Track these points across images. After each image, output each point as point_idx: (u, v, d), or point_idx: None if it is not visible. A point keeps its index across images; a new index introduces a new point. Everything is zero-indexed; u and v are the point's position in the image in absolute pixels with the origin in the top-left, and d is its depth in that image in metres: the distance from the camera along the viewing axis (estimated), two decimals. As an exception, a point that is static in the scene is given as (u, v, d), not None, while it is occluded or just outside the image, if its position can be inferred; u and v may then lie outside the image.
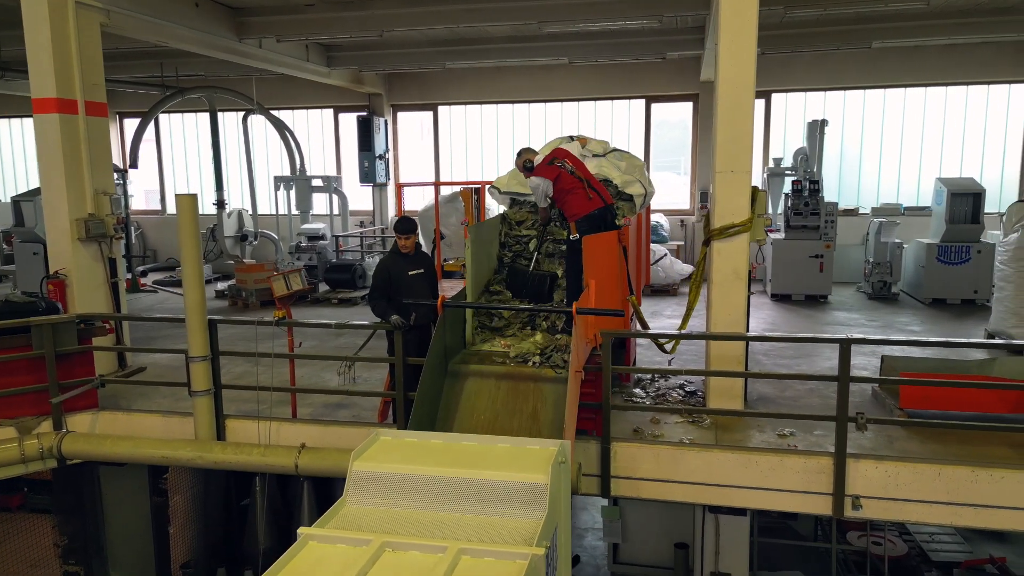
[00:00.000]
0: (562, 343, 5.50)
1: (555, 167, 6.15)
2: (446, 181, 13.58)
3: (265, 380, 7.11)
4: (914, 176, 13.31)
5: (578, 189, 6.01)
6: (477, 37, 11.80)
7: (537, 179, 6.10)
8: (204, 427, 5.78)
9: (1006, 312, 8.20)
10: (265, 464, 5.43)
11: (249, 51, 10.44)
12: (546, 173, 6.11)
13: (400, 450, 4.19)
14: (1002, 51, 12.18)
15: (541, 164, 6.29)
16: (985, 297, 10.80)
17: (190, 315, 5.64)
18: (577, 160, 6.36)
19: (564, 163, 6.20)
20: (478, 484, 3.82)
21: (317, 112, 15.34)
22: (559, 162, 6.21)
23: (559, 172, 6.09)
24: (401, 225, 5.84)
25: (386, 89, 14.57)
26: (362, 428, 5.82)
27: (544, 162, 6.29)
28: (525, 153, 6.50)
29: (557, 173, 6.08)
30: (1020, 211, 8.15)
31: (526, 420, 5.07)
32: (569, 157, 6.32)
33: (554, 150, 6.52)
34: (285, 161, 14.18)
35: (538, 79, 13.82)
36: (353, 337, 9.25)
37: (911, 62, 12.52)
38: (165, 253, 16.17)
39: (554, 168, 6.14)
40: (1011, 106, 12.68)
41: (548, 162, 6.26)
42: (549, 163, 6.24)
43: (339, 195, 14.09)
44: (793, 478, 5.05)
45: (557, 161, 6.23)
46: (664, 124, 14.23)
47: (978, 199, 10.80)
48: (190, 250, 5.56)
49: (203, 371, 5.72)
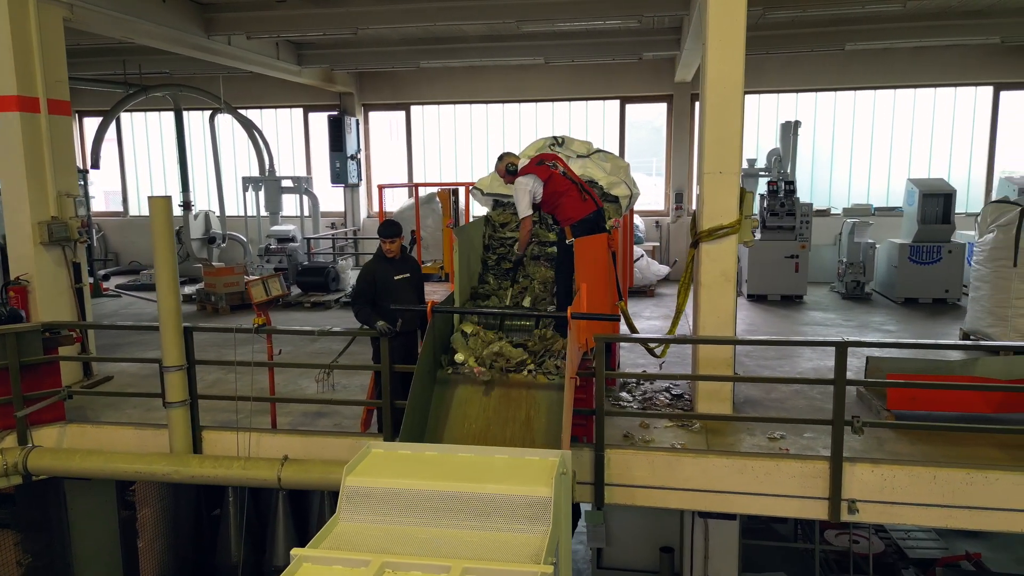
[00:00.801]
0: (556, 346, 5.36)
1: (546, 167, 6.00)
2: (426, 182, 13.40)
3: (243, 389, 6.87)
4: (884, 177, 13.48)
5: (572, 192, 5.88)
6: (452, 36, 11.64)
7: (526, 179, 5.93)
8: (180, 440, 5.53)
9: (982, 311, 8.29)
10: (246, 478, 5.21)
11: (218, 48, 10.13)
12: (538, 172, 5.94)
13: (394, 463, 4.02)
14: (969, 54, 12.39)
15: (529, 164, 6.13)
16: (956, 296, 10.98)
17: (165, 323, 5.39)
18: (565, 164, 6.23)
19: (555, 164, 6.06)
20: (479, 498, 3.68)
21: (286, 111, 15.02)
22: (550, 163, 6.07)
23: (551, 173, 5.94)
24: (386, 229, 5.65)
25: (357, 88, 14.31)
26: (346, 438, 5.63)
27: (532, 162, 6.14)
28: (507, 157, 6.34)
29: (549, 174, 5.93)
30: (995, 212, 8.24)
31: (519, 428, 4.94)
32: (558, 160, 6.18)
33: (541, 153, 6.36)
34: (254, 161, 13.83)
35: (512, 79, 13.69)
36: (329, 343, 9.03)
37: (881, 64, 12.67)
38: (127, 256, 15.71)
39: (545, 168, 5.98)
40: (977, 108, 12.90)
41: (537, 162, 6.11)
42: (539, 163, 6.09)
43: (310, 196, 13.80)
44: (789, 483, 5.00)
45: (548, 162, 6.08)
46: (632, 125, 14.20)
47: (949, 200, 10.95)
48: (164, 255, 5.32)
49: (179, 381, 5.48)
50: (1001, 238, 8.01)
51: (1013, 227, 7.88)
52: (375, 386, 6.03)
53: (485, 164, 14.37)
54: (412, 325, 5.78)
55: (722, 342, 5.81)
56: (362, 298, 5.54)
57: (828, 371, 7.67)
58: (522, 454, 4.08)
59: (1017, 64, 12.40)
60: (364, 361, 8.08)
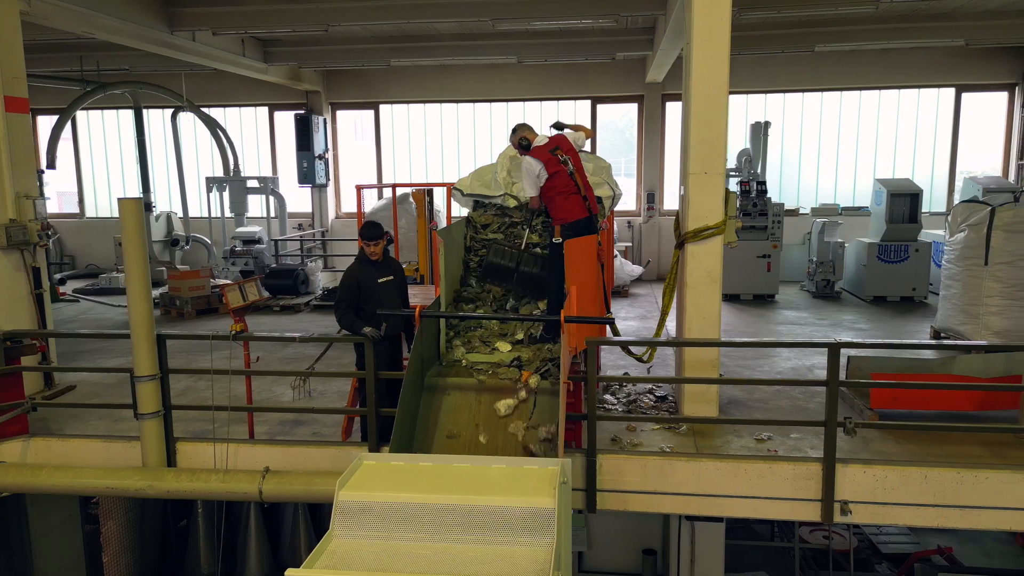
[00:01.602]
0: (547, 355, 5.25)
1: (557, 159, 5.79)
2: (404, 183, 13.18)
3: (218, 398, 6.62)
4: (850, 177, 13.68)
5: (573, 195, 5.75)
6: (423, 34, 11.46)
7: (535, 163, 5.72)
8: (153, 452, 5.29)
9: (954, 309, 8.43)
10: (226, 491, 4.99)
11: (181, 44, 9.81)
12: (548, 162, 5.75)
13: (388, 476, 3.88)
14: (932, 57, 12.63)
15: (542, 148, 5.91)
16: (923, 294, 11.18)
17: (136, 330, 5.15)
18: (577, 158, 6.03)
19: (568, 160, 5.83)
20: (480, 511, 3.55)
21: (251, 110, 14.66)
22: (563, 157, 5.84)
23: (559, 169, 5.76)
24: (368, 230, 5.48)
25: (325, 86, 14.03)
26: (329, 448, 5.44)
27: (546, 148, 5.90)
28: (521, 130, 6.12)
29: (558, 168, 5.75)
30: (965, 211, 8.37)
31: (511, 435, 4.82)
32: (572, 154, 5.96)
33: (555, 137, 6.08)
34: (217, 161, 13.47)
35: (483, 78, 13.56)
36: (301, 348, 8.78)
37: (848, 66, 12.85)
38: (84, 259, 15.19)
39: (556, 161, 5.79)
40: (940, 110, 13.16)
41: (551, 149, 5.87)
42: (552, 150, 5.86)
43: (276, 197, 13.49)
44: (782, 485, 4.97)
45: (561, 155, 5.85)
46: (598, 127, 14.17)
47: (916, 199, 11.14)
48: (135, 259, 5.08)
49: (152, 391, 5.23)
50: (972, 237, 8.15)
51: (984, 226, 8.02)
52: (357, 393, 5.86)
53: (456, 164, 14.23)
54: (396, 329, 5.62)
55: (715, 344, 5.77)
56: (345, 303, 5.36)
57: (807, 370, 7.82)
58: (520, 463, 3.97)
59: (978, 67, 12.68)
60: (341, 367, 7.90)
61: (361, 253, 5.54)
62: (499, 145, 14.05)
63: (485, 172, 7.27)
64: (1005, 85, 12.85)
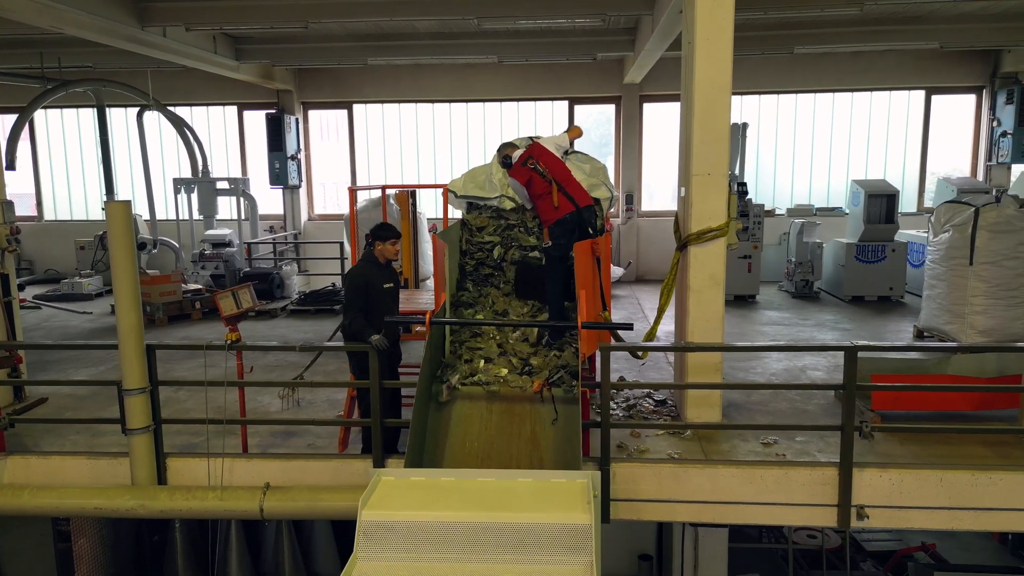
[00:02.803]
0: (555, 362, 5.11)
1: (527, 169, 5.72)
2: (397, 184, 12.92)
3: (202, 409, 6.35)
4: (824, 178, 13.82)
5: (547, 194, 5.64)
6: (402, 32, 11.22)
7: (512, 181, 5.68)
8: (143, 469, 5.00)
9: (938, 309, 8.52)
10: (224, 510, 4.75)
11: (152, 40, 9.42)
12: (518, 175, 5.69)
13: (410, 493, 3.70)
14: (903, 60, 12.82)
15: (516, 163, 5.86)
16: (899, 294, 11.34)
17: (125, 341, 4.86)
18: (551, 157, 5.93)
19: (537, 164, 5.77)
20: (512, 528, 3.40)
21: (219, 109, 14.23)
22: (532, 163, 5.78)
23: (531, 175, 5.67)
24: (386, 231, 5.31)
25: (297, 85, 13.68)
26: (330, 461, 5.21)
27: (519, 161, 5.86)
28: (505, 149, 6.05)
29: (528, 176, 5.66)
30: (949, 212, 8.47)
31: (525, 444, 4.67)
32: (543, 155, 5.88)
33: (531, 145, 6.05)
34: (185, 162, 13.03)
35: (460, 78, 13.37)
36: (284, 355, 8.50)
37: (821, 69, 12.97)
38: (43, 264, 14.59)
39: (526, 170, 5.71)
40: (911, 112, 13.38)
41: (522, 162, 5.83)
42: (523, 163, 5.81)
43: (247, 198, 13.09)
44: (798, 491, 4.91)
45: (531, 162, 5.79)
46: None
47: (892, 200, 11.29)
48: (124, 266, 4.80)
49: (141, 405, 4.95)
50: (957, 237, 8.24)
51: (968, 227, 8.11)
52: (354, 402, 5.64)
53: (432, 165, 14.01)
54: (394, 337, 5.43)
55: (729, 348, 5.74)
56: (355, 306, 5.13)
57: (799, 371, 7.81)
58: (547, 476, 3.83)
59: (947, 70, 12.92)
60: (327, 375, 7.65)
61: (368, 255, 5.34)
62: (476, 146, 13.89)
63: (478, 173, 7.10)
64: (973, 88, 13.12)
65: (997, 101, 12.72)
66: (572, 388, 4.82)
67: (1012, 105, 12.29)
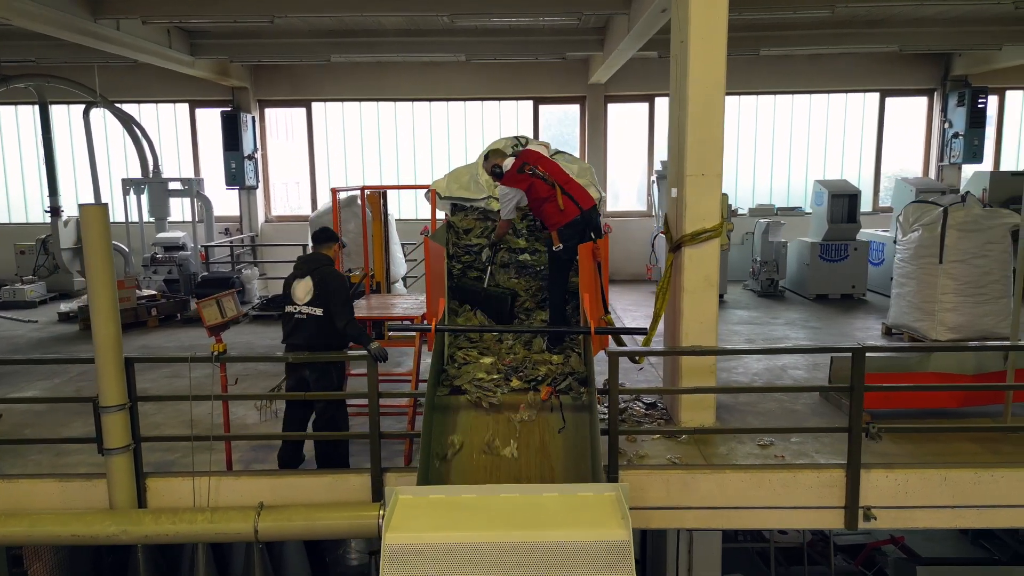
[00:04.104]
0: (567, 368, 4.96)
1: (526, 175, 5.58)
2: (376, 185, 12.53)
3: (174, 423, 6.03)
4: (784, 178, 14.04)
5: (551, 198, 5.50)
6: (367, 29, 10.90)
7: (510, 191, 5.51)
8: (123, 492, 4.66)
9: (908, 307, 8.68)
10: (215, 533, 4.44)
11: (104, 33, 8.92)
12: (518, 183, 5.54)
13: (432, 512, 3.50)
14: (859, 62, 13.12)
15: (510, 171, 5.70)
16: (861, 292, 11.57)
17: (103, 354, 4.52)
18: (549, 162, 5.83)
19: (535, 169, 5.65)
20: (547, 547, 3.24)
21: (170, 107, 13.63)
22: (530, 168, 5.65)
23: (531, 181, 5.53)
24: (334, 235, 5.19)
25: (252, 82, 13.21)
26: (324, 477, 4.94)
27: (513, 169, 5.70)
28: (493, 156, 5.88)
29: (529, 183, 5.52)
30: (917, 211, 8.65)
31: (535, 454, 4.51)
32: (540, 161, 5.77)
33: (523, 152, 5.92)
34: (134, 161, 12.44)
35: (423, 77, 13.10)
36: (253, 364, 8.10)
37: (781, 71, 13.16)
38: (-28, 269, 13.76)
39: (525, 177, 5.56)
40: (866, 113, 13.69)
41: (518, 168, 5.68)
42: (519, 170, 5.66)
43: (202, 200, 12.57)
44: (806, 494, 4.87)
45: (528, 168, 5.66)
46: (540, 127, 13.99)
47: (854, 200, 11.51)
48: (100, 274, 4.46)
49: (121, 423, 4.61)
50: (926, 236, 8.40)
51: (938, 226, 8.29)
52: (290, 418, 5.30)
53: (395, 165, 13.72)
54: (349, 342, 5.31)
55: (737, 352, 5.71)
56: (351, 308, 4.90)
57: (780, 370, 7.85)
58: (574, 490, 3.67)
59: (901, 72, 13.26)
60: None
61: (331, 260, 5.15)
62: (440, 145, 13.66)
63: (462, 173, 6.92)
64: (925, 90, 13.50)
65: (948, 103, 13.12)
66: (581, 395, 4.68)
67: (963, 107, 12.69)
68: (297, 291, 4.97)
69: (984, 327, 8.21)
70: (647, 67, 12.66)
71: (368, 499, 4.82)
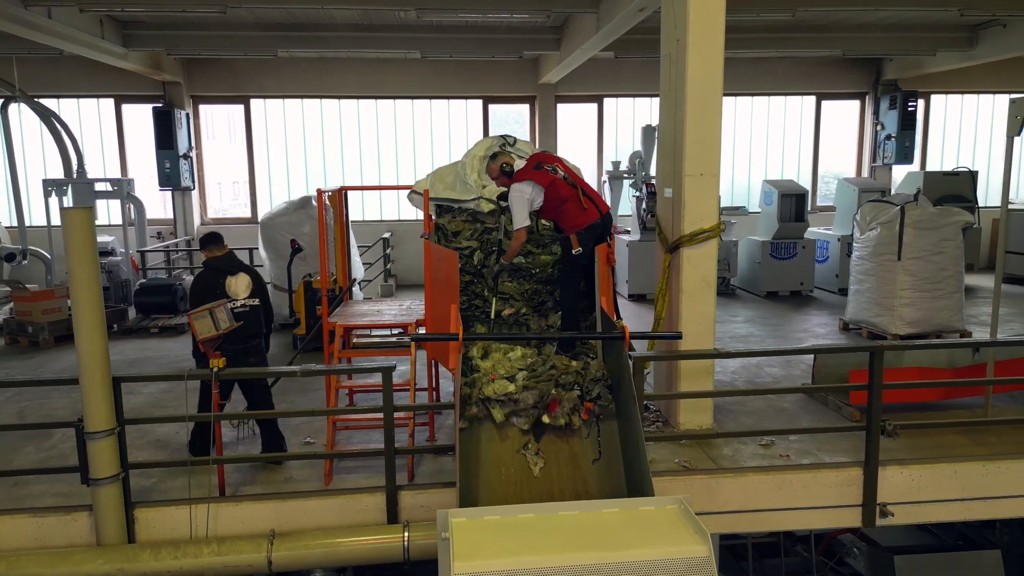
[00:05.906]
0: (591, 374, 4.78)
1: (545, 172, 5.39)
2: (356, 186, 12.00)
3: (149, 445, 5.56)
4: (727, 178, 14.33)
5: (574, 198, 5.33)
6: (317, 23, 10.42)
7: (524, 186, 5.29)
8: (112, 525, 4.19)
9: (867, 302, 8.95)
10: (223, 566, 4.04)
11: (34, 21, 8.17)
12: (537, 178, 5.32)
13: (494, 536, 3.26)
14: (797, 66, 13.53)
15: (526, 167, 5.47)
16: (809, 288, 11.93)
17: (90, 374, 4.05)
18: (564, 164, 5.65)
19: (555, 168, 5.46)
20: (627, 568, 3.07)
21: (92, 102, 12.69)
22: (548, 166, 5.45)
23: (552, 178, 5.34)
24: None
25: (186, 77, 12.45)
26: (334, 499, 4.61)
27: (529, 165, 5.48)
28: (501, 156, 5.65)
29: (550, 179, 5.33)
30: (874, 210, 8.93)
31: (565, 467, 4.33)
32: (557, 162, 5.58)
33: (536, 153, 5.73)
34: (55, 161, 11.50)
35: (369, 74, 12.68)
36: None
37: (725, 74, 13.37)
38: None
39: (544, 173, 5.37)
40: (803, 116, 14.14)
41: (534, 165, 5.46)
42: (536, 166, 5.45)
43: (133, 201, 11.74)
44: (825, 493, 4.90)
45: (546, 165, 5.46)
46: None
47: (802, 199, 11.85)
48: (86, 284, 4.01)
49: (110, 449, 4.15)
50: (885, 234, 8.68)
51: (896, 224, 8.58)
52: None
53: (340, 164, 13.23)
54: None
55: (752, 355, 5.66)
56: None
57: (757, 367, 7.92)
58: (634, 504, 3.52)
59: (835, 76, 13.76)
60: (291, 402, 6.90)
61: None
62: (387, 145, 13.27)
63: (446, 173, 6.65)
64: (858, 94, 14.05)
65: (880, 106, 13.70)
66: (609, 403, 4.53)
67: (895, 110, 13.27)
68: (238, 286, 5.27)
69: (940, 321, 8.54)
70: (597, 68, 12.65)
71: (383, 520, 4.54)
